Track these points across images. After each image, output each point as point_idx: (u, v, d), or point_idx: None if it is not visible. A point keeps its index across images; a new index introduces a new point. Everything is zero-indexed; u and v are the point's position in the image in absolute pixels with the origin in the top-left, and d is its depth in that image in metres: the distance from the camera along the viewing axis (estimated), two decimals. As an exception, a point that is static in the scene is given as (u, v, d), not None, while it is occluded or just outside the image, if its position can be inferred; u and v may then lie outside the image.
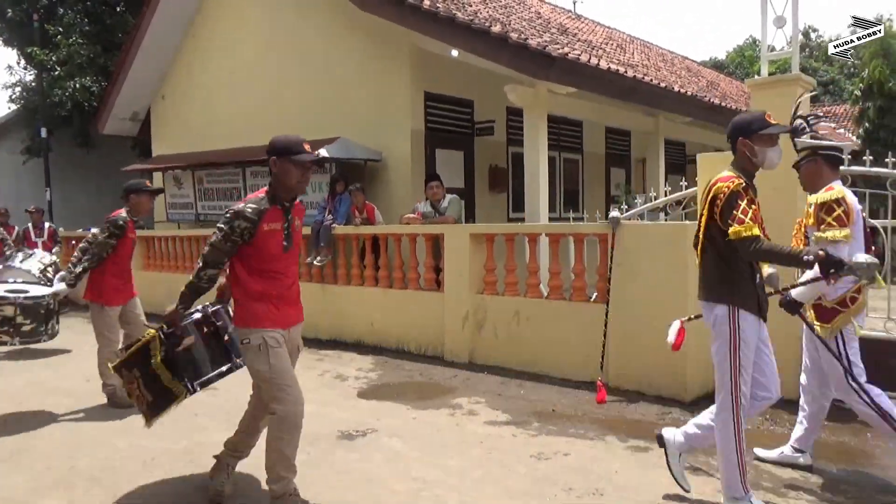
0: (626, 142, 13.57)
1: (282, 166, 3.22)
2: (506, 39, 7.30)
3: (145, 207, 5.54)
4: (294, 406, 3.19)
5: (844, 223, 3.33)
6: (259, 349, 3.17)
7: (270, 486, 3.22)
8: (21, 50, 15.95)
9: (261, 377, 3.21)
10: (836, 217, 3.35)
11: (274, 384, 3.17)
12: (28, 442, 4.50)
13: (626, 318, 5.41)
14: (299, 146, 3.27)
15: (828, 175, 3.62)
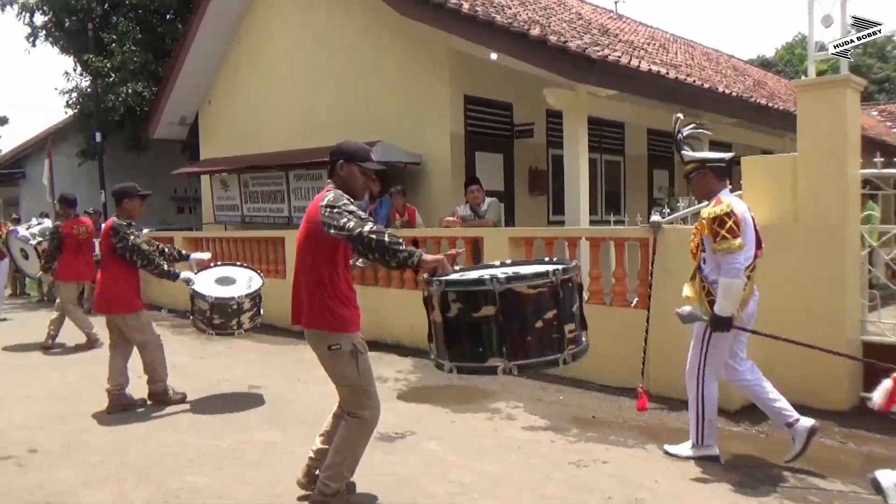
0: (669, 143, 13.34)
1: (349, 170, 3.32)
2: (545, 42, 7.28)
3: (138, 211, 5.52)
4: (377, 412, 3.30)
5: (736, 233, 3.71)
6: (350, 355, 3.21)
7: (326, 483, 3.24)
8: (77, 57, 16.52)
9: (348, 383, 3.25)
10: (728, 229, 3.71)
11: (361, 391, 3.25)
12: (81, 436, 4.67)
13: (668, 323, 5.32)
14: (367, 154, 3.37)
15: (716, 184, 3.97)
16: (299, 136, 11.07)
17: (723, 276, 3.76)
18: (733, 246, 3.70)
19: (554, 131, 10.04)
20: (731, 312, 3.79)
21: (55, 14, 16.10)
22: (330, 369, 3.28)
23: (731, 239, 3.70)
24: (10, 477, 3.97)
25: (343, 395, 3.32)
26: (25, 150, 19.73)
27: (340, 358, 3.21)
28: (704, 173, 4.02)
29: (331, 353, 3.22)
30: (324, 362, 3.30)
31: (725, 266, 3.73)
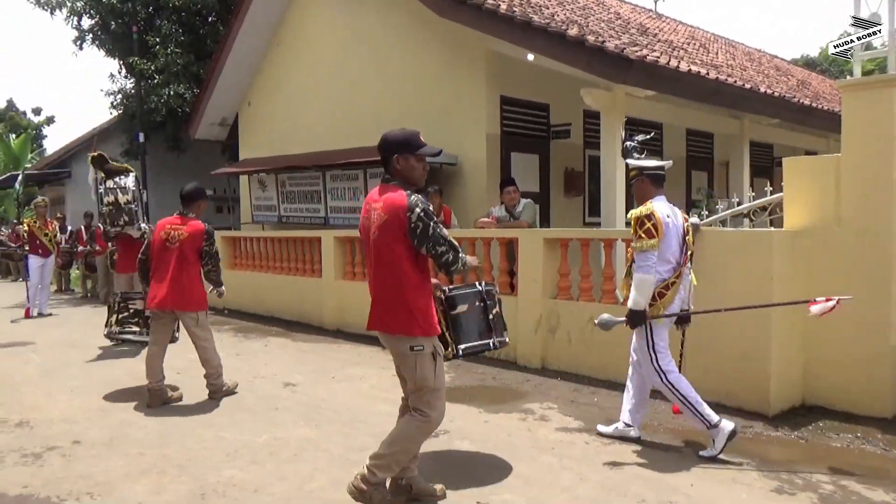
0: (708, 144, 13.15)
1: (406, 162, 3.21)
2: (583, 42, 7.24)
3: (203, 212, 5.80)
4: (443, 414, 3.35)
5: (652, 234, 4.06)
6: (432, 357, 3.22)
7: (373, 471, 3.23)
8: (122, 60, 16.96)
9: (424, 383, 3.24)
10: (645, 230, 4.08)
11: (434, 392, 3.26)
12: (123, 429, 4.80)
13: (706, 326, 5.25)
14: (418, 138, 3.24)
15: (652, 190, 4.29)
16: (336, 136, 11.19)
17: (636, 272, 4.13)
18: (646, 245, 4.07)
19: (591, 132, 9.97)
20: (644, 307, 4.11)
21: (101, 18, 16.54)
22: (409, 370, 3.26)
23: (647, 239, 4.08)
24: (55, 467, 4.10)
25: (414, 395, 3.31)
26: (71, 150, 20.33)
27: (422, 359, 3.20)
28: (642, 180, 4.34)
29: (413, 353, 3.20)
30: (403, 362, 3.29)
31: (639, 263, 4.13)
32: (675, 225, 4.21)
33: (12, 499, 3.65)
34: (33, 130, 39.55)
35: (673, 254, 4.18)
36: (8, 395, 5.84)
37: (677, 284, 4.21)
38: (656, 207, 4.14)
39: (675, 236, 4.19)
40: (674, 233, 4.18)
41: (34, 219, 11.19)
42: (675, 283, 4.20)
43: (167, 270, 5.46)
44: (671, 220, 4.19)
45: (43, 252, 11.02)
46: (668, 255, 4.16)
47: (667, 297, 4.20)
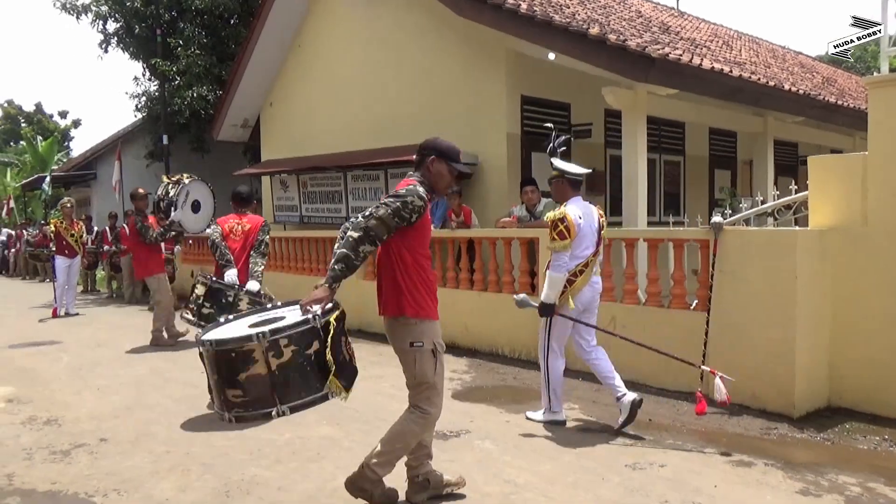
0: (731, 143, 13.01)
1: (438, 168, 3.36)
2: (604, 41, 7.20)
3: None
4: (440, 409, 3.37)
5: (565, 236, 4.46)
6: (432, 354, 3.25)
7: (373, 468, 3.22)
8: (146, 63, 17.17)
9: (423, 379, 3.26)
10: (558, 232, 4.47)
11: (433, 388, 3.29)
12: (148, 427, 4.87)
13: (729, 327, 5.21)
14: (458, 154, 3.45)
15: (569, 193, 4.69)
16: (357, 137, 11.25)
17: (549, 270, 4.57)
18: (559, 246, 4.47)
19: (612, 131, 9.92)
20: (554, 300, 4.56)
21: (126, 21, 16.75)
22: (409, 365, 3.28)
23: (559, 240, 4.47)
24: (83, 464, 4.17)
25: (413, 390, 3.34)
26: (97, 153, 20.64)
27: (421, 355, 3.23)
28: (562, 181, 4.72)
29: (412, 349, 3.23)
30: (404, 358, 3.30)
31: (553, 261, 4.54)
32: (587, 224, 4.63)
33: (41, 495, 3.72)
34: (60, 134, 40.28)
35: (585, 248, 4.62)
36: (37, 392, 5.95)
37: (586, 273, 4.63)
38: (569, 211, 4.53)
39: (589, 233, 4.64)
40: (587, 231, 4.62)
41: (61, 220, 11.38)
42: (584, 271, 4.62)
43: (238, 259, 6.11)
44: (583, 220, 4.58)
45: (69, 253, 11.20)
46: (578, 251, 4.58)
47: (576, 285, 4.62)
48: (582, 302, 4.66)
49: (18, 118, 44.26)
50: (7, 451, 4.41)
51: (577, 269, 4.59)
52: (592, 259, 4.65)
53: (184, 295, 12.55)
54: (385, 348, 7.51)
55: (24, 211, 27.66)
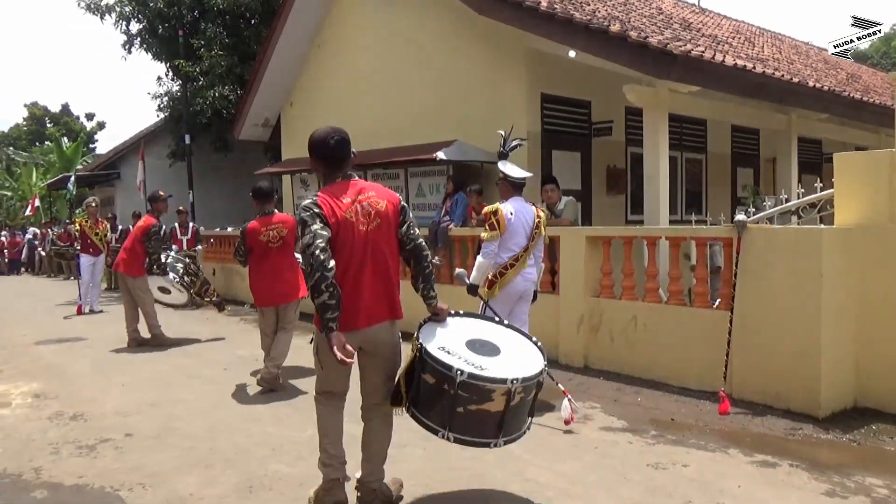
0: (754, 140, 12.88)
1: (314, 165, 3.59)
2: (625, 38, 7.16)
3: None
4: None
5: (495, 228, 4.96)
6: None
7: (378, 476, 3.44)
8: (169, 63, 17.35)
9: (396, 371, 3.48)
10: (490, 224, 5.01)
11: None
12: (172, 423, 4.92)
13: (753, 326, 5.15)
14: (322, 141, 3.48)
15: (511, 193, 5.15)
16: (377, 136, 11.27)
17: (479, 256, 5.05)
18: (488, 236, 5.01)
19: (633, 129, 9.86)
20: (479, 283, 5.00)
21: (149, 22, 16.93)
22: (397, 359, 3.43)
23: (490, 231, 5.01)
24: (109, 458, 4.23)
25: (386, 387, 3.43)
26: (120, 152, 20.92)
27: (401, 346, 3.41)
28: (505, 183, 5.18)
29: (399, 340, 3.42)
30: (395, 352, 3.42)
31: (482, 249, 5.01)
32: (520, 221, 5.04)
33: (68, 489, 3.78)
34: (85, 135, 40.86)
35: (516, 243, 5.03)
36: (63, 388, 6.04)
37: (518, 265, 5.06)
38: (503, 207, 5.02)
39: (521, 230, 5.04)
40: (518, 227, 5.03)
41: (86, 219, 11.54)
42: (515, 265, 5.05)
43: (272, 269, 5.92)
44: (515, 216, 5.02)
45: (94, 251, 11.36)
46: (510, 244, 5.01)
47: (507, 276, 5.05)
48: (515, 290, 5.10)
49: (44, 119, 44.96)
50: (35, 446, 4.49)
51: (510, 261, 5.04)
52: (524, 254, 5.08)
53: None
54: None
55: (49, 210, 28.09)
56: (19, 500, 3.65)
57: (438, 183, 9.77)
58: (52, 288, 16.80)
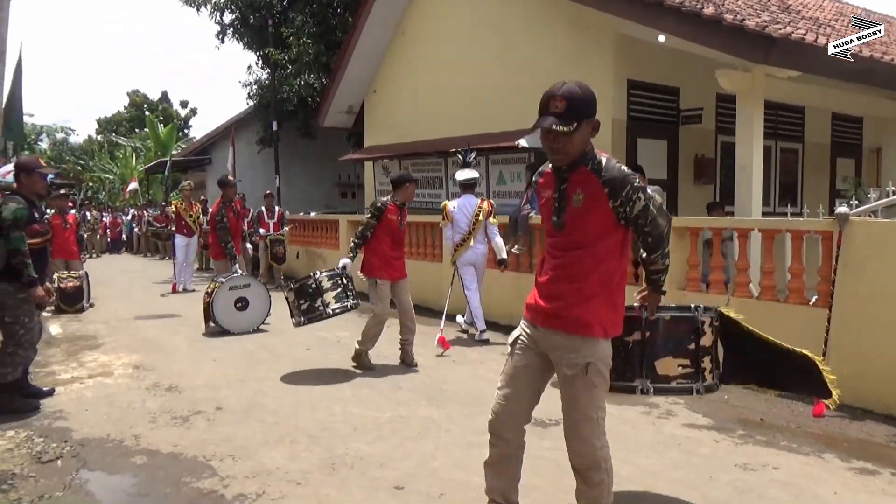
0: (857, 129, 12.12)
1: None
2: (719, 21, 6.86)
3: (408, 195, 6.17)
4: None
5: (444, 218, 7.26)
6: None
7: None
8: (259, 52, 17.92)
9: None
10: (443, 216, 7.29)
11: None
12: (259, 399, 5.12)
13: (853, 325, 4.87)
14: (541, 106, 2.63)
15: (464, 191, 7.23)
16: (459, 123, 11.28)
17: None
18: (442, 224, 7.40)
19: (724, 117, 9.48)
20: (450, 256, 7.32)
21: (241, 12, 17.54)
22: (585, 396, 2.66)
23: (443, 220, 7.35)
24: (201, 429, 4.44)
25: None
26: (212, 139, 21.77)
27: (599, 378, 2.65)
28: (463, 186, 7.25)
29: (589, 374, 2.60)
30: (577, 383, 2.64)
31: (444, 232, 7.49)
32: (462, 212, 7.11)
33: (164, 456, 3.99)
34: (180, 121, 42.82)
35: (460, 228, 7.12)
36: (160, 361, 6.39)
37: (466, 243, 7.10)
38: (449, 203, 7.33)
39: (464, 218, 7.09)
40: (461, 217, 7.11)
41: (181, 201, 12.11)
42: (465, 242, 7.10)
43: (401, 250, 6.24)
44: (458, 210, 7.13)
45: (188, 232, 11.91)
46: (459, 229, 7.14)
47: (460, 251, 7.15)
48: (468, 259, 7.16)
49: (143, 106, 47.35)
50: (135, 414, 4.76)
51: (462, 239, 7.12)
52: (468, 235, 7.07)
53: (290, 275, 13.07)
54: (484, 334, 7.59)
55: (146, 193, 29.64)
56: (122, 463, 3.89)
57: (519, 171, 9.69)
58: (149, 267, 17.76)
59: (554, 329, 2.64)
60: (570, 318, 2.59)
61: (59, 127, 46.72)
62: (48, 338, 7.34)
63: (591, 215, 2.55)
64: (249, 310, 7.85)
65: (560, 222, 2.61)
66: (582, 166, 2.58)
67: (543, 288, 2.70)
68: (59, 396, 5.21)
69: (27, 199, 4.91)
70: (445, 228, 7.22)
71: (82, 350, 6.95)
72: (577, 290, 2.58)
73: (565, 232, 2.61)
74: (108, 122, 47.86)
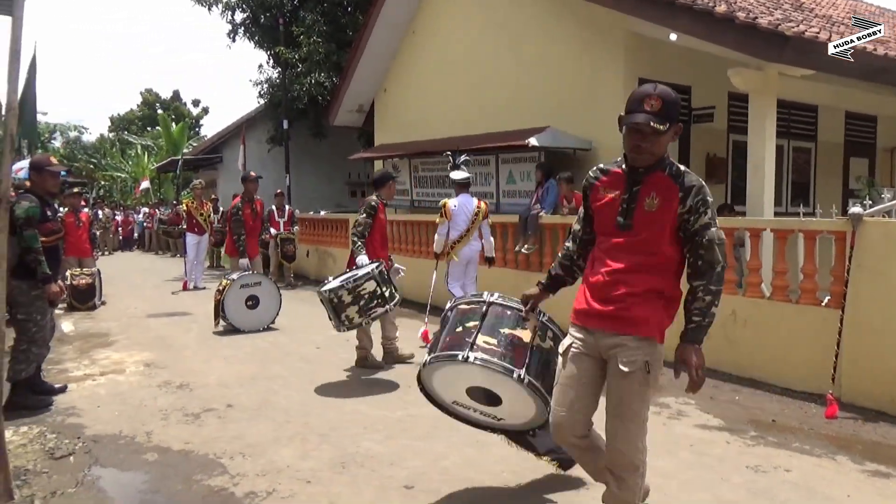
0: (870, 128, 12.01)
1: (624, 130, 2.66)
2: (732, 20, 6.81)
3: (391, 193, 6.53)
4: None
5: (444, 216, 7.19)
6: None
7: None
8: (270, 51, 17.95)
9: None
10: (441, 213, 7.24)
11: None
12: (270, 397, 5.13)
13: (866, 326, 4.83)
14: (633, 104, 2.58)
15: (459, 190, 7.28)
16: (469, 122, 11.27)
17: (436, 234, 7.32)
18: (440, 221, 7.26)
19: (736, 116, 9.42)
20: (438, 251, 7.28)
21: (252, 11, 17.57)
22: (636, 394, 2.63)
23: (441, 218, 7.24)
24: (212, 427, 4.46)
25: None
26: (223, 137, 21.85)
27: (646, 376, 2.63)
28: (455, 184, 7.34)
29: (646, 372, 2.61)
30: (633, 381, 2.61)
31: (438, 230, 7.27)
32: (462, 210, 7.15)
33: (176, 453, 4.01)
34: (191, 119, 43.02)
35: (459, 226, 7.15)
36: (171, 358, 6.42)
37: (464, 240, 7.20)
38: (449, 201, 7.24)
39: (463, 217, 7.14)
40: (461, 215, 7.14)
41: (192, 199, 12.16)
42: (463, 238, 7.19)
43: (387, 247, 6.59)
44: (459, 208, 7.16)
45: (198, 230, 11.96)
46: (457, 227, 7.16)
47: (457, 248, 7.21)
48: (464, 256, 7.23)
49: (155, 104, 47.62)
50: (147, 412, 4.79)
51: (460, 236, 7.18)
52: (466, 234, 7.17)
53: (300, 273, 13.09)
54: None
55: (158, 191, 29.79)
56: (133, 460, 3.91)
57: (529, 170, 9.66)
58: (160, 264, 17.86)
59: (612, 331, 2.60)
60: (631, 319, 2.56)
61: (72, 125, 47.14)
62: (60, 335, 7.40)
63: (661, 220, 2.54)
64: (260, 308, 7.89)
65: (627, 223, 2.57)
66: (659, 170, 2.58)
67: (599, 290, 2.63)
68: (72, 393, 5.25)
69: (40, 198, 4.95)
70: (441, 227, 7.18)
71: (94, 347, 7.00)
72: (639, 292, 2.55)
73: (632, 234, 2.56)
74: (120, 120, 48.16)
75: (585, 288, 2.72)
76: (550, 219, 7.86)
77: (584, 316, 2.68)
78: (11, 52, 3.30)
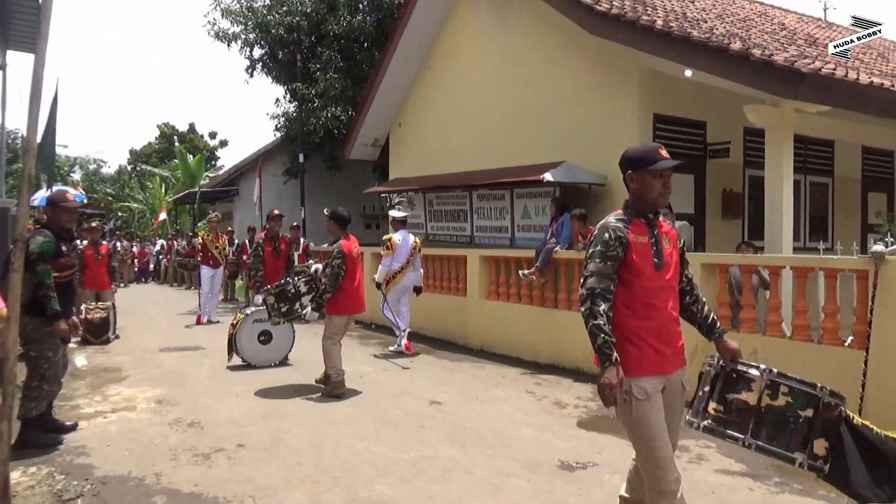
0: (888, 163, 11.91)
1: (639, 179, 2.83)
2: (747, 56, 6.81)
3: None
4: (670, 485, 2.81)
5: (389, 248, 8.46)
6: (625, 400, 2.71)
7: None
8: (287, 86, 18.23)
9: (629, 431, 2.87)
10: (386, 246, 8.49)
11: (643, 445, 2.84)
12: (281, 436, 5.06)
13: (892, 368, 4.71)
14: (655, 154, 2.84)
15: (398, 227, 8.67)
16: (484, 156, 11.31)
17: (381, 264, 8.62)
18: (385, 253, 8.48)
19: (752, 150, 9.38)
20: (380, 281, 8.45)
21: (270, 47, 17.89)
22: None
23: (387, 251, 8.45)
24: (223, 468, 4.39)
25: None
26: (240, 170, 22.09)
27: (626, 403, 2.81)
28: (394, 221, 8.80)
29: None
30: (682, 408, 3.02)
31: (382, 261, 8.55)
32: (404, 244, 8.48)
33: (185, 496, 3.94)
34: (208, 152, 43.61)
35: (400, 258, 8.44)
36: (183, 395, 6.37)
37: (404, 271, 8.49)
38: (394, 236, 8.52)
39: (404, 251, 8.46)
40: (403, 249, 8.45)
41: (207, 232, 12.22)
42: (402, 271, 8.48)
43: (360, 282, 6.69)
44: (402, 242, 8.47)
45: (213, 263, 11.99)
46: (399, 259, 8.44)
47: (397, 278, 8.48)
48: (404, 285, 8.55)
49: (173, 137, 48.34)
50: (157, 451, 4.73)
51: (401, 267, 8.45)
52: (406, 265, 8.47)
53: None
54: (509, 370, 7.48)
55: (174, 223, 30.06)
56: (142, 503, 3.84)
57: (544, 204, 9.65)
58: (174, 297, 17.92)
59: (680, 367, 2.96)
60: (683, 351, 2.96)
61: (91, 159, 47.90)
62: (74, 369, 7.39)
63: (675, 253, 2.94)
64: (273, 344, 7.84)
65: (661, 263, 2.82)
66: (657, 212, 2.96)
67: (661, 333, 2.82)
68: (83, 431, 5.21)
69: (55, 233, 4.97)
70: (386, 259, 8.44)
71: (107, 383, 6.97)
72: (679, 323, 2.93)
73: (664, 272, 2.83)
74: (138, 154, 48.90)
75: (643, 335, 2.79)
76: (566, 254, 7.80)
77: (660, 365, 2.83)
78: (32, 93, 3.34)
